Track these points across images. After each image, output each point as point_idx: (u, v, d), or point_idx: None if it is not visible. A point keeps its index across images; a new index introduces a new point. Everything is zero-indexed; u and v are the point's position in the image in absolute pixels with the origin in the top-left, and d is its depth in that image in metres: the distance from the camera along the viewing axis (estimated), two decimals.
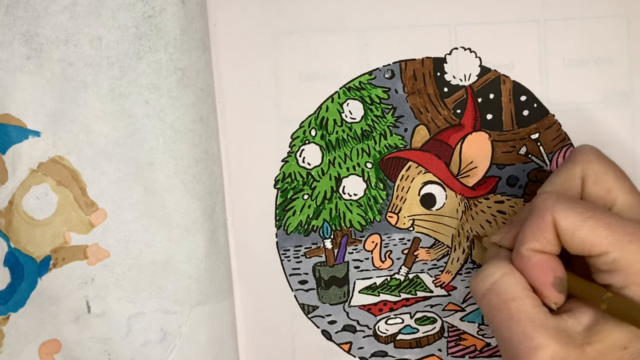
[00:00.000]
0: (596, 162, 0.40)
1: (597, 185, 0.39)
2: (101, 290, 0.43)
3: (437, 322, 0.48)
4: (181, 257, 0.44)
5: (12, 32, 0.42)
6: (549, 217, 0.37)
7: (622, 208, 0.39)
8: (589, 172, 0.40)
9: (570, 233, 0.37)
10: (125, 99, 0.43)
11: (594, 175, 0.40)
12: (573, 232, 0.37)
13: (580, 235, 0.37)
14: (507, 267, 0.39)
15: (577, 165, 0.40)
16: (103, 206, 0.43)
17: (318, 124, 0.47)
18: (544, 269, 0.38)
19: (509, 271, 0.39)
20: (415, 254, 0.48)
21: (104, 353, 0.44)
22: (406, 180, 0.47)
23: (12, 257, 0.43)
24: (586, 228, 0.36)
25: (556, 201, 0.37)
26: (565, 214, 0.37)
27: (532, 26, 0.47)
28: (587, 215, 0.37)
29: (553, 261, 0.38)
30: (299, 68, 0.46)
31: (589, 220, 0.37)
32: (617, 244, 0.36)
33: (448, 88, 0.47)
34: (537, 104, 0.47)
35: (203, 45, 0.45)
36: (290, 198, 0.47)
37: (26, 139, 0.43)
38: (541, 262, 0.38)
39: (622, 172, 0.40)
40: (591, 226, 0.36)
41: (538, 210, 0.38)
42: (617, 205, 0.39)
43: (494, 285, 0.39)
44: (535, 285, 0.38)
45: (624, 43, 0.47)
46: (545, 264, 0.38)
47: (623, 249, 0.36)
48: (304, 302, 0.48)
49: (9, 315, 0.43)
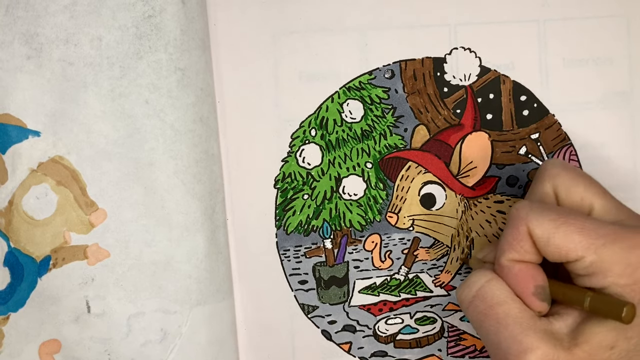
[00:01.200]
0: (563, 174, 0.40)
1: (569, 196, 0.40)
2: (101, 290, 0.43)
3: (437, 322, 0.48)
4: (181, 257, 0.44)
5: (12, 32, 0.42)
6: (523, 227, 0.37)
7: (599, 211, 0.39)
8: (559, 185, 0.40)
9: (545, 240, 0.37)
10: (125, 99, 0.43)
11: (563, 187, 0.40)
12: (547, 240, 0.37)
13: (555, 242, 0.37)
14: (490, 274, 0.39)
15: (546, 181, 0.40)
16: (103, 206, 0.43)
17: (318, 124, 0.47)
18: (524, 279, 0.38)
19: (493, 277, 0.39)
20: (415, 253, 0.48)
21: (104, 353, 0.44)
22: (406, 180, 0.47)
23: (12, 257, 0.43)
24: (559, 234, 0.37)
25: (530, 210, 0.38)
26: (538, 222, 0.37)
27: (532, 26, 0.47)
28: (560, 222, 0.37)
29: (533, 270, 0.38)
30: (299, 68, 0.46)
31: (562, 227, 0.37)
32: (590, 247, 0.36)
33: (448, 88, 0.47)
34: (537, 104, 0.47)
35: (203, 45, 0.45)
36: (290, 198, 0.47)
37: (26, 139, 0.43)
38: (521, 271, 0.38)
39: (590, 179, 0.40)
40: (564, 232, 0.37)
41: (512, 220, 0.38)
42: (594, 211, 0.39)
43: (480, 292, 0.39)
44: (518, 295, 0.38)
45: (624, 43, 0.47)
46: (526, 274, 0.38)
47: (597, 252, 0.36)
48: (304, 302, 0.48)
49: (9, 315, 0.43)
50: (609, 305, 0.36)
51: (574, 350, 0.37)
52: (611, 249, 0.36)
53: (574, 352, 0.37)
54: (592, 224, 0.37)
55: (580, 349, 0.37)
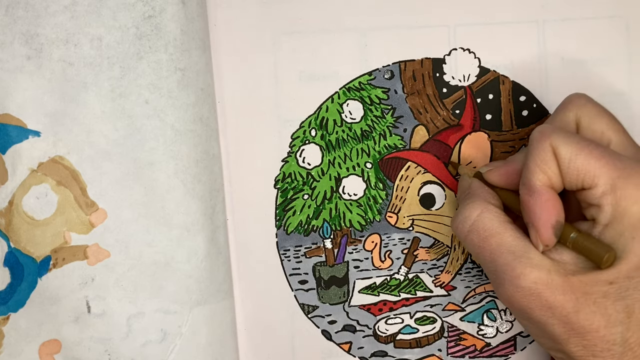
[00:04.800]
0: (589, 106, 0.40)
1: (591, 127, 0.40)
2: (101, 290, 0.43)
3: (437, 322, 0.48)
4: (181, 257, 0.44)
5: (12, 32, 0.42)
6: (548, 146, 0.38)
7: (617, 147, 0.39)
8: (583, 115, 0.40)
9: (567, 161, 0.37)
10: (126, 99, 0.43)
11: (587, 118, 0.40)
12: (569, 161, 0.37)
13: (576, 164, 0.37)
14: (481, 206, 0.40)
15: (571, 110, 0.41)
16: (103, 206, 0.43)
17: (318, 124, 0.47)
18: (551, 209, 0.38)
19: (484, 209, 0.40)
20: (415, 253, 0.48)
21: (104, 353, 0.43)
22: (405, 180, 0.47)
23: (12, 257, 0.43)
24: (581, 157, 0.37)
25: (553, 130, 0.38)
26: (563, 141, 0.37)
27: (531, 26, 0.47)
28: (583, 144, 0.37)
29: (559, 204, 0.38)
30: (299, 68, 0.46)
31: (584, 150, 0.37)
32: (606, 176, 0.37)
33: (447, 88, 0.47)
34: (537, 104, 0.47)
35: (203, 45, 0.45)
36: (290, 198, 0.47)
37: (26, 139, 0.43)
38: (550, 200, 0.38)
39: (613, 116, 0.41)
40: (586, 156, 0.37)
41: (537, 140, 0.38)
42: (612, 145, 0.40)
43: (473, 226, 0.40)
44: (535, 223, 0.38)
45: (623, 43, 0.47)
46: (554, 204, 0.38)
47: (612, 182, 0.37)
48: (304, 302, 0.48)
49: (9, 316, 0.43)
50: (591, 247, 0.37)
51: (570, 278, 0.37)
52: (625, 182, 0.37)
53: (570, 279, 0.37)
54: (612, 155, 0.37)
55: (577, 278, 0.37)
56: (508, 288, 0.38)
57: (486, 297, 0.48)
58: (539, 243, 0.38)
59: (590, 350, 0.37)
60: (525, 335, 0.48)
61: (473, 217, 0.40)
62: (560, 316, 0.37)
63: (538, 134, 0.38)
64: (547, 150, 0.38)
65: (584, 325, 0.37)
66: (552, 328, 0.37)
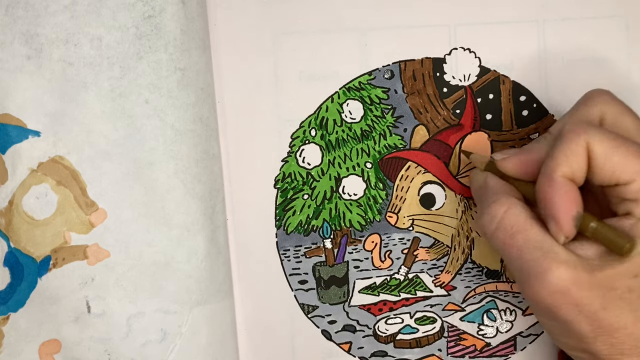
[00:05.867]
0: (614, 102, 0.40)
1: (615, 125, 0.39)
2: (101, 290, 0.43)
3: (437, 322, 0.48)
4: (181, 257, 0.44)
5: (12, 32, 0.42)
6: (583, 142, 0.37)
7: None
8: (608, 112, 0.40)
9: (603, 158, 0.37)
10: (125, 99, 0.43)
11: (612, 115, 0.40)
12: (605, 158, 0.37)
13: (613, 161, 0.37)
14: (507, 203, 0.39)
15: (596, 106, 0.40)
16: (103, 206, 0.43)
17: (318, 124, 0.47)
18: (571, 201, 0.38)
19: (510, 206, 0.39)
20: (415, 253, 0.48)
21: (104, 353, 0.43)
22: (406, 180, 0.47)
23: (12, 257, 0.43)
24: (619, 154, 0.37)
25: (589, 127, 0.38)
26: (599, 138, 0.37)
27: (531, 26, 0.47)
28: (620, 142, 0.37)
29: (579, 196, 0.38)
30: (299, 68, 0.46)
31: (621, 147, 0.37)
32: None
33: (447, 88, 0.47)
34: (537, 104, 0.47)
35: (203, 45, 0.45)
36: (290, 198, 0.47)
37: (26, 139, 0.43)
38: (570, 192, 0.38)
39: (637, 115, 0.40)
40: (623, 152, 0.37)
41: (571, 134, 0.38)
42: None
43: (500, 224, 0.39)
44: (555, 214, 0.38)
45: (623, 43, 0.47)
46: (575, 196, 0.38)
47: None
48: (303, 302, 0.48)
49: (9, 316, 0.43)
50: (611, 236, 0.37)
51: (595, 274, 0.37)
52: None
53: (596, 275, 0.37)
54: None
55: (602, 273, 0.37)
56: (534, 284, 0.37)
57: (486, 297, 0.48)
58: (560, 234, 0.38)
59: (619, 349, 0.37)
60: (525, 335, 0.48)
61: (500, 215, 0.39)
62: (588, 313, 0.37)
63: (574, 127, 0.38)
64: (580, 145, 0.37)
65: (612, 323, 0.36)
66: (579, 326, 0.37)
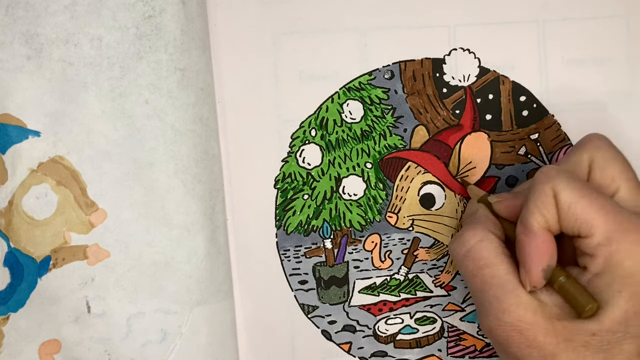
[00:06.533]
0: (605, 149, 0.40)
1: (603, 172, 0.40)
2: (101, 290, 0.43)
3: (437, 322, 0.48)
4: (181, 257, 0.44)
5: (12, 32, 0.42)
6: (549, 189, 0.37)
7: (623, 196, 0.39)
8: (597, 158, 0.40)
9: (567, 206, 0.37)
10: (125, 99, 0.43)
11: (601, 161, 0.40)
12: (569, 206, 0.37)
13: (575, 211, 0.37)
14: (482, 234, 0.40)
15: (586, 151, 0.40)
16: (103, 206, 0.43)
17: (318, 124, 0.47)
18: (544, 252, 0.38)
19: (483, 238, 0.40)
20: (415, 254, 0.48)
21: (104, 353, 0.43)
22: (405, 180, 0.47)
23: (12, 257, 0.43)
24: (581, 204, 0.37)
25: (558, 173, 0.38)
26: (565, 185, 0.37)
27: (531, 26, 0.47)
28: (585, 192, 0.37)
29: (553, 248, 0.38)
30: (299, 68, 0.46)
31: (585, 198, 0.37)
32: (604, 228, 0.37)
33: (447, 89, 0.47)
34: (537, 104, 0.47)
35: (203, 45, 0.45)
36: (290, 198, 0.47)
37: (26, 139, 0.43)
38: (544, 243, 0.38)
39: (627, 162, 0.40)
40: (586, 203, 0.37)
41: (540, 182, 0.38)
42: (619, 194, 0.39)
43: (469, 252, 0.40)
44: (526, 264, 0.38)
45: (623, 43, 0.47)
46: (548, 248, 0.38)
47: (608, 235, 0.37)
48: (304, 302, 0.48)
49: (8, 316, 0.43)
50: (575, 295, 0.37)
51: (554, 322, 0.37)
52: (622, 236, 0.36)
53: (554, 324, 0.37)
54: (614, 207, 0.37)
55: (561, 324, 0.37)
56: (492, 320, 0.38)
57: None
58: (527, 283, 0.38)
59: None
60: None
61: (471, 243, 0.40)
62: (537, 356, 0.37)
63: (542, 175, 0.38)
64: (547, 194, 0.37)
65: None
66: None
